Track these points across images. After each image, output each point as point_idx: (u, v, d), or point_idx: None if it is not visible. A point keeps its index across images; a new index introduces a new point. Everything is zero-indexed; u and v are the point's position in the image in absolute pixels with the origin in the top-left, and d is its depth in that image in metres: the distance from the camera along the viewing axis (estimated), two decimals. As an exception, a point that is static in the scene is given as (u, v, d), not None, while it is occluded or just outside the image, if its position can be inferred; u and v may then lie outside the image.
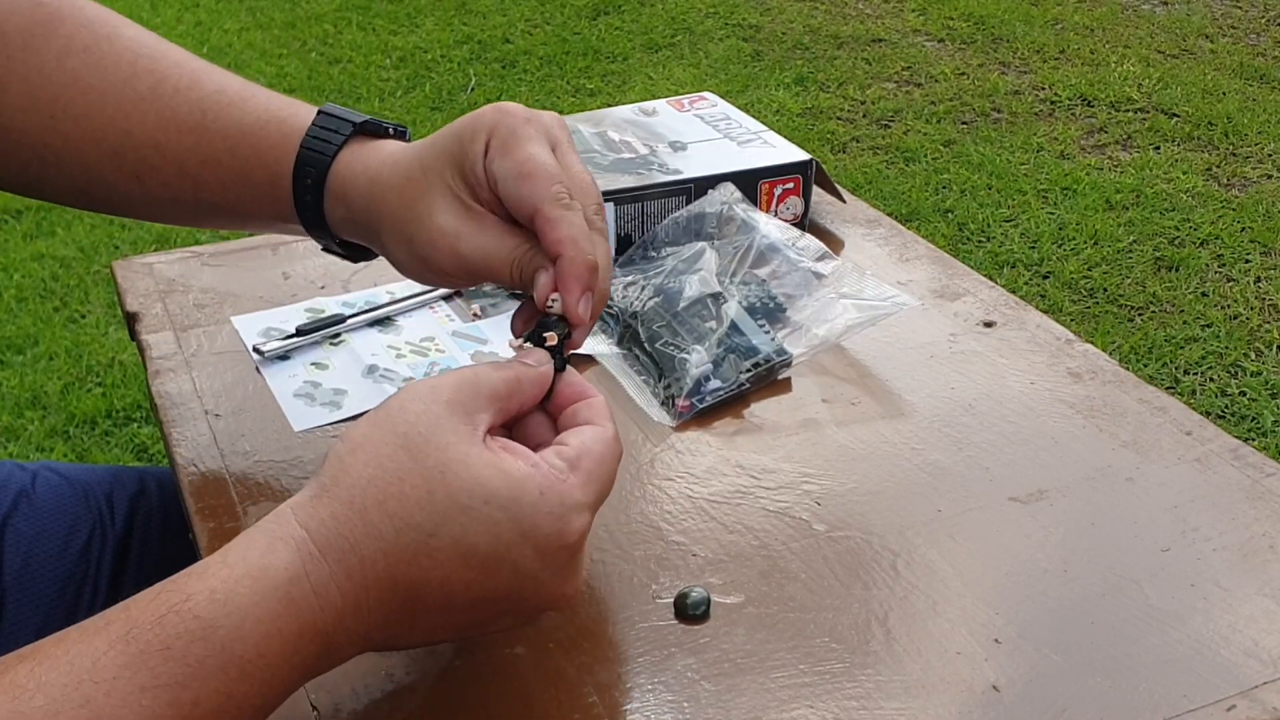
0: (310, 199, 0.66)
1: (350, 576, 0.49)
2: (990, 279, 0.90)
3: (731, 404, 0.77)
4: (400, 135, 0.68)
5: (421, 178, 0.62)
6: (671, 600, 0.62)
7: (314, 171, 0.65)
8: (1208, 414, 2.02)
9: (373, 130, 0.67)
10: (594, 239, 0.58)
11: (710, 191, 0.90)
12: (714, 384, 0.77)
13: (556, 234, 0.57)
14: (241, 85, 0.69)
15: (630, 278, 0.85)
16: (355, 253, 0.70)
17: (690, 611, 0.61)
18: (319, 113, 0.67)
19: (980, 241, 2.59)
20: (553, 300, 0.58)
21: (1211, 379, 2.16)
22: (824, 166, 0.97)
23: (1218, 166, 2.87)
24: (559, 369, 0.57)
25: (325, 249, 0.70)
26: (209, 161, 0.67)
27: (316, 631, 0.49)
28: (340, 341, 0.83)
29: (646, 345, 0.80)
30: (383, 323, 0.86)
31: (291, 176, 0.66)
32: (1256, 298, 2.38)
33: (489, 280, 0.62)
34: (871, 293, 0.82)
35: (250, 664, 0.47)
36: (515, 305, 0.67)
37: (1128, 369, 0.81)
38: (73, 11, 0.70)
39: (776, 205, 0.95)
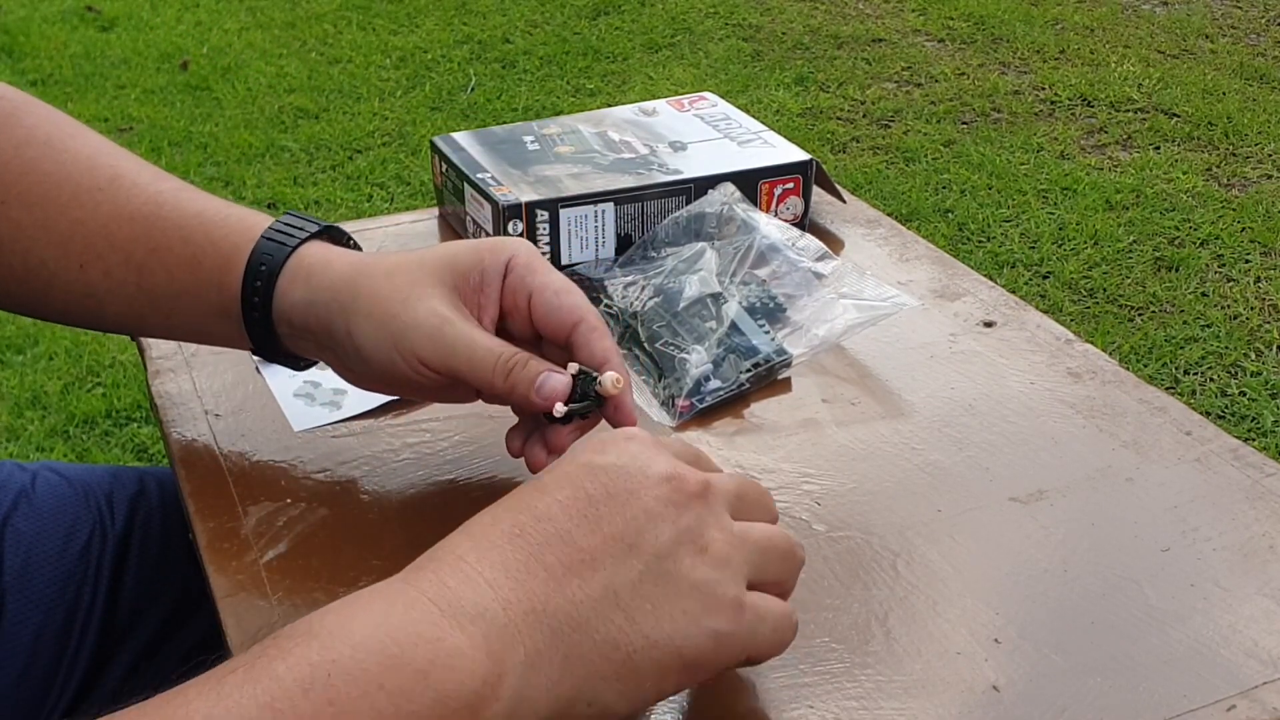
0: (260, 284, 0.65)
1: (433, 554, 0.49)
2: (990, 279, 0.91)
3: (731, 404, 0.77)
4: (357, 249, 0.69)
5: (417, 270, 0.63)
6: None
7: (270, 259, 0.65)
8: (1208, 414, 2.02)
9: (335, 237, 0.68)
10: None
11: (710, 191, 0.90)
12: (714, 384, 0.77)
13: (604, 343, 0.63)
14: (199, 190, 0.70)
15: (630, 278, 0.85)
16: (288, 359, 0.69)
17: None
18: (284, 214, 0.68)
19: (980, 241, 2.59)
20: (617, 381, 0.62)
21: (1211, 379, 2.16)
22: (824, 166, 0.97)
23: (1218, 166, 2.87)
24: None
25: (257, 351, 0.69)
26: (159, 248, 0.67)
27: (411, 600, 0.47)
28: (340, 341, 0.83)
29: (646, 345, 0.80)
30: (383, 323, 0.86)
31: (246, 260, 0.66)
32: (1256, 298, 2.38)
33: (458, 372, 0.62)
34: (871, 293, 0.82)
35: (329, 613, 0.47)
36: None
37: (1128, 369, 0.81)
38: (35, 109, 0.71)
39: (776, 205, 0.95)
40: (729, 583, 0.51)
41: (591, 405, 0.62)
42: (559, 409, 0.61)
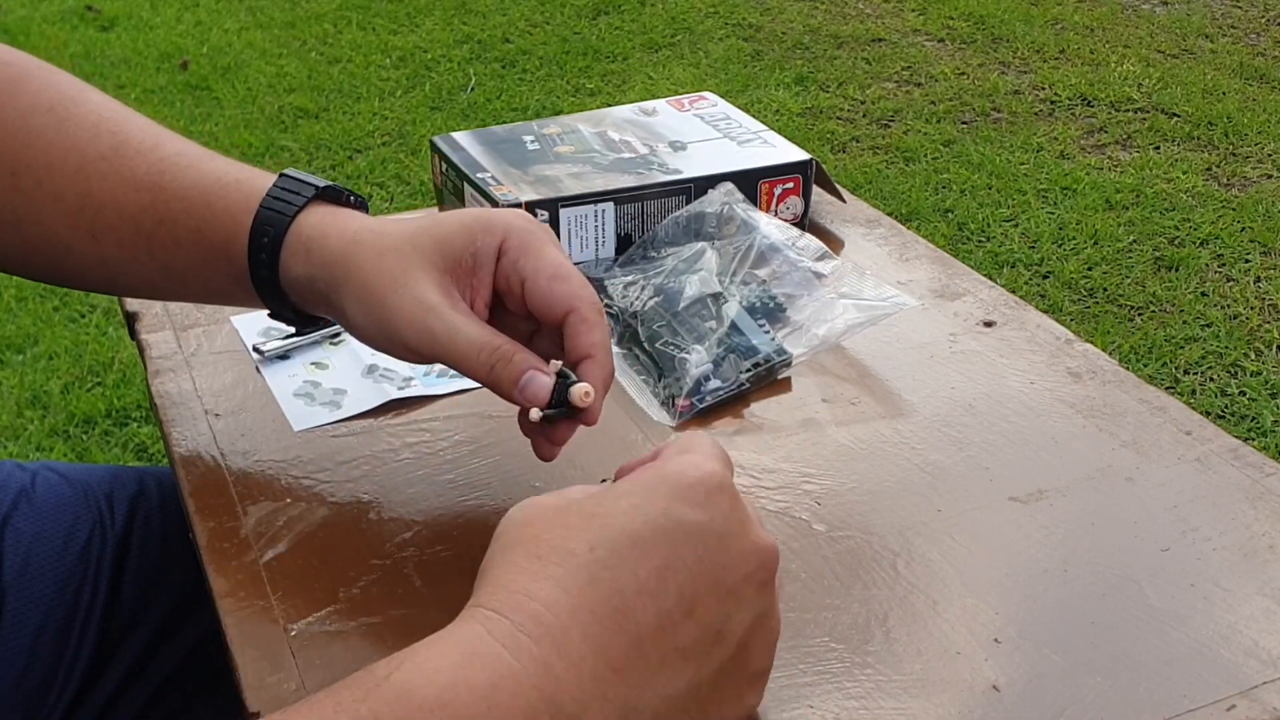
0: (265, 256, 0.65)
1: (540, 622, 0.46)
2: (990, 279, 0.91)
3: (731, 404, 0.77)
4: (360, 206, 0.69)
5: (410, 252, 0.63)
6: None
7: (272, 230, 0.65)
8: (1208, 414, 2.02)
9: (333, 196, 0.68)
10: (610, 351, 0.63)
11: (710, 191, 0.90)
12: (714, 384, 0.77)
13: (592, 337, 0.61)
14: (202, 150, 0.70)
15: (630, 277, 0.85)
16: (305, 320, 0.69)
17: None
18: (280, 175, 0.67)
19: (980, 241, 2.59)
20: (587, 393, 0.61)
21: (1211, 379, 2.16)
22: (824, 166, 0.97)
23: (1218, 166, 2.87)
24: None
25: (273, 315, 0.69)
26: (165, 220, 0.67)
27: (518, 684, 0.44)
28: (340, 341, 0.83)
29: (646, 345, 0.80)
30: (383, 323, 0.86)
31: (249, 233, 0.66)
32: (1256, 298, 2.38)
33: (444, 361, 0.62)
34: (871, 293, 0.82)
35: (433, 713, 0.43)
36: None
37: (1128, 369, 0.81)
38: (40, 72, 0.71)
39: (776, 205, 0.95)
40: (771, 660, 0.53)
41: (566, 413, 0.62)
42: (534, 414, 0.61)
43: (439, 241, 0.63)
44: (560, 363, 0.63)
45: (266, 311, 0.69)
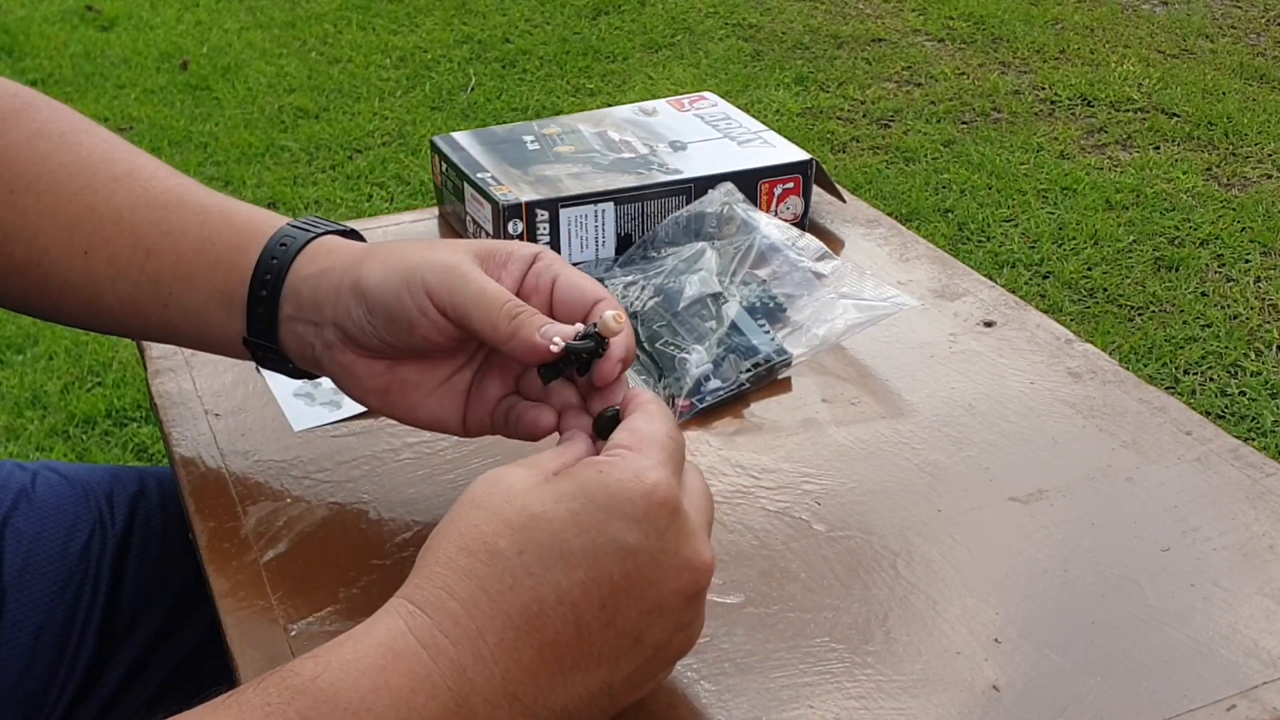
0: (277, 261, 0.64)
1: (458, 623, 0.48)
2: (990, 279, 0.91)
3: (731, 404, 0.77)
4: None
5: (438, 242, 0.63)
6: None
7: (293, 240, 0.65)
8: (1208, 414, 2.03)
9: (356, 238, 0.68)
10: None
11: (710, 191, 0.90)
12: (714, 384, 0.77)
13: (622, 316, 0.60)
14: (218, 193, 0.70)
15: (630, 278, 0.85)
16: (278, 362, 0.67)
17: None
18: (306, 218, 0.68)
19: (980, 241, 2.59)
20: (618, 318, 0.58)
21: (1211, 379, 2.16)
22: (824, 166, 0.97)
23: (1218, 166, 2.87)
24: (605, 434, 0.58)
25: (247, 341, 0.67)
26: (173, 232, 0.67)
27: (434, 686, 0.47)
28: (340, 341, 0.83)
29: (646, 345, 0.80)
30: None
31: (267, 239, 0.65)
32: (1256, 298, 2.38)
33: (461, 314, 0.59)
34: (871, 293, 0.82)
35: (357, 717, 0.46)
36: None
37: (1128, 369, 0.81)
38: (49, 105, 0.71)
39: (776, 205, 0.95)
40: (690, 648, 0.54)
41: (590, 346, 0.58)
42: (557, 343, 0.58)
43: (471, 244, 0.63)
44: (581, 326, 0.60)
45: (241, 340, 0.67)
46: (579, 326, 0.59)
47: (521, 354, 0.58)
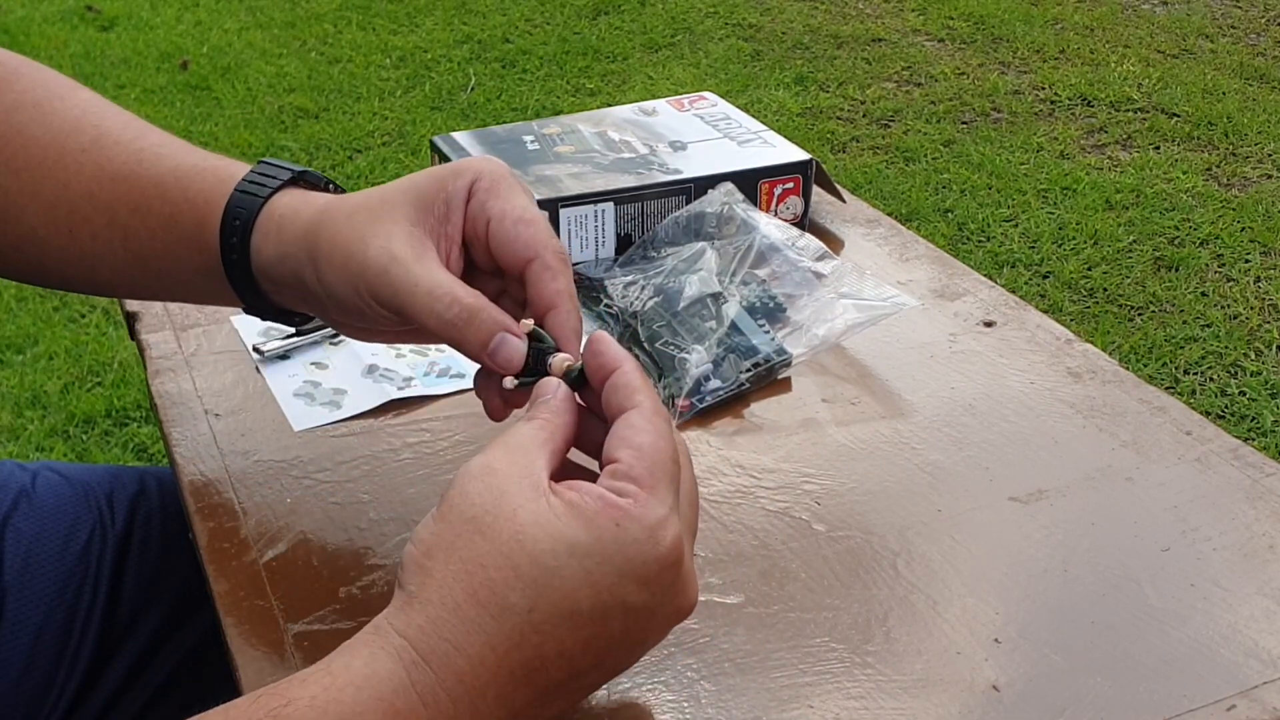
0: (236, 240, 0.63)
1: (461, 681, 0.48)
2: (990, 279, 0.91)
3: (731, 404, 0.77)
4: (338, 192, 0.66)
5: (379, 207, 0.60)
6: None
7: (244, 213, 0.63)
8: (1208, 414, 2.02)
9: (311, 182, 0.66)
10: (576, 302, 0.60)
11: (710, 191, 0.90)
12: (714, 384, 0.77)
13: (555, 285, 0.58)
14: (184, 144, 0.68)
15: (630, 277, 0.85)
16: (279, 314, 0.67)
17: None
18: (259, 162, 0.66)
19: (980, 241, 2.59)
20: (566, 365, 0.57)
21: (1211, 379, 2.16)
22: (824, 166, 0.97)
23: (1218, 166, 2.87)
24: (578, 387, 0.56)
25: (248, 309, 0.67)
26: (139, 208, 0.66)
27: None
28: (340, 341, 0.83)
29: (646, 345, 0.80)
30: (383, 323, 0.86)
31: (221, 216, 0.64)
32: (1256, 298, 2.38)
33: (399, 312, 0.58)
34: (871, 293, 0.82)
35: None
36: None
37: (1128, 369, 0.81)
38: (30, 71, 0.71)
39: (776, 205, 0.95)
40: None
41: (536, 379, 0.57)
42: (509, 383, 0.57)
43: (409, 193, 0.60)
44: (532, 322, 0.58)
45: (243, 308, 0.67)
46: (528, 326, 0.58)
47: (473, 359, 0.59)
